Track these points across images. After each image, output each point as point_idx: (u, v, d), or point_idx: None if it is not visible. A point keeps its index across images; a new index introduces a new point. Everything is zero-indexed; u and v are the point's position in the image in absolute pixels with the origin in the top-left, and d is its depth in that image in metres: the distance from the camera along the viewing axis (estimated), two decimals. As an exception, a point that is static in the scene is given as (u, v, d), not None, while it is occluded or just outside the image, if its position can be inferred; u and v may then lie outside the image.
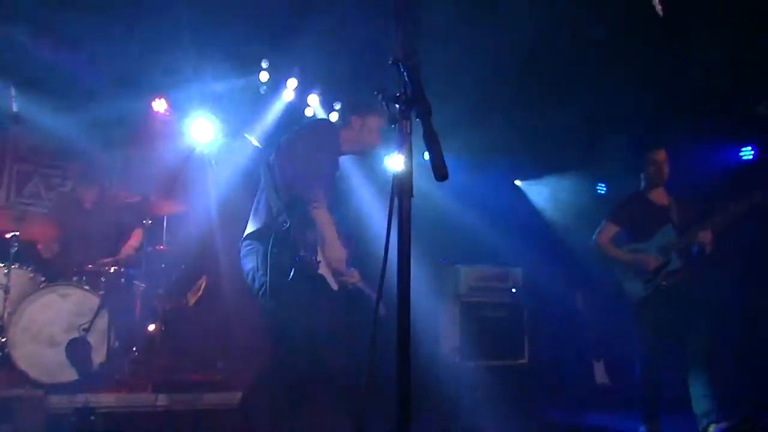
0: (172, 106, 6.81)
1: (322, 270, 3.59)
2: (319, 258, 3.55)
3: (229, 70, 6.55)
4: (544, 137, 7.72)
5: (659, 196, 5.18)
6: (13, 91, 5.43)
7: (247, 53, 6.47)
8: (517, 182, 9.30)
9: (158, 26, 5.58)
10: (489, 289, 7.27)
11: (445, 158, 1.81)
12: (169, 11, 5.34)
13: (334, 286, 3.64)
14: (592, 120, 7.14)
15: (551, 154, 8.25)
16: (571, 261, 7.48)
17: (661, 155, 5.12)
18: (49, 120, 6.51)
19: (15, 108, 5.42)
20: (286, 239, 3.34)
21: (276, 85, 7.05)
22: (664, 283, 4.86)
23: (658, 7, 5.54)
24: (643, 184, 5.24)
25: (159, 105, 6.78)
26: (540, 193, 9.21)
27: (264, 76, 6.87)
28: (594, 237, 5.25)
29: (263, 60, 6.71)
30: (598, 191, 8.86)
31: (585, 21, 5.63)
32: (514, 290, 7.29)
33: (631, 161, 5.61)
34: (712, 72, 5.92)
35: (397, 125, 1.87)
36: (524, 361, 7.10)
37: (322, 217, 3.52)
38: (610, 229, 5.20)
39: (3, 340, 4.99)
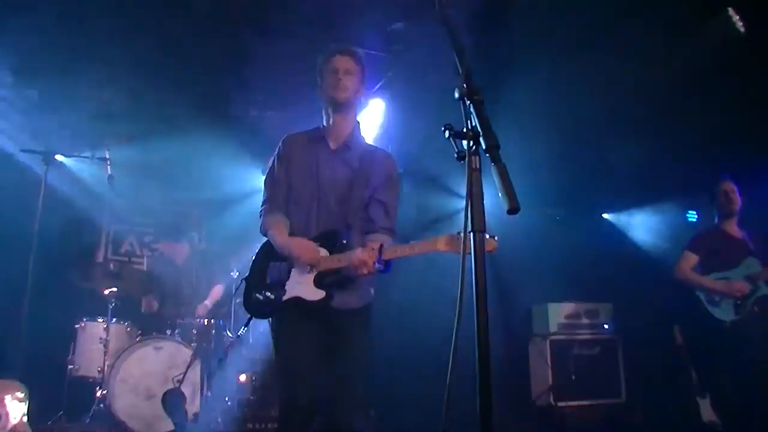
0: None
1: (294, 290, 3.12)
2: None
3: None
4: (630, 168, 7.49)
5: (733, 230, 5.25)
6: (107, 154, 5.74)
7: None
8: (605, 215, 9.03)
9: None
10: (580, 326, 7.04)
11: (530, 194, 1.77)
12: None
13: (315, 296, 3.07)
14: (678, 148, 6.90)
15: (639, 185, 7.99)
16: (666, 293, 7.15)
17: (727, 186, 5.23)
18: (141, 180, 6.90)
19: (110, 170, 5.72)
20: (241, 288, 3.37)
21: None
22: (756, 308, 4.89)
23: (739, 24, 5.39)
24: (716, 217, 5.34)
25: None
26: (630, 224, 8.90)
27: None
28: (675, 267, 5.33)
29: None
30: (689, 219, 8.48)
31: (672, 51, 5.57)
32: (606, 326, 7.02)
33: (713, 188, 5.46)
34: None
35: (465, 161, 1.85)
36: (621, 400, 6.79)
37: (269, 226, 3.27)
38: (690, 259, 5.29)
39: (104, 392, 5.20)
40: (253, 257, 3.37)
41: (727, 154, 6.45)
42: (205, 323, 5.75)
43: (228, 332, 5.93)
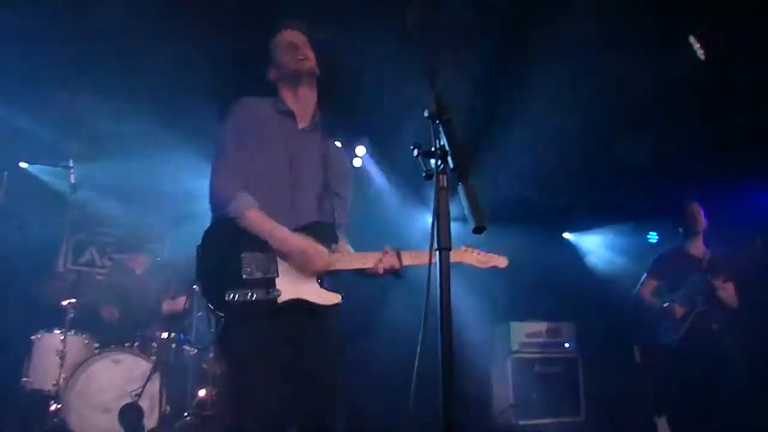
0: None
1: (293, 290, 2.66)
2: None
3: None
4: (592, 188, 7.63)
5: (696, 248, 5.38)
6: (71, 163, 5.65)
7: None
8: (566, 235, 9.16)
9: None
10: (542, 345, 7.11)
11: (493, 213, 1.80)
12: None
13: (328, 300, 2.72)
14: (640, 170, 7.05)
15: (600, 206, 8.13)
16: (627, 314, 7.26)
17: (693, 207, 5.37)
18: (104, 190, 6.79)
19: (73, 179, 5.63)
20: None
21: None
22: (690, 323, 5.06)
23: (700, 52, 5.54)
24: (682, 236, 5.47)
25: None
26: (592, 245, 9.04)
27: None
28: (635, 291, 5.56)
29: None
30: (650, 240, 8.65)
31: (634, 75, 5.70)
32: (567, 345, 7.10)
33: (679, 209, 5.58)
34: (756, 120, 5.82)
35: (433, 179, 1.88)
36: (581, 419, 6.86)
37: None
38: (650, 284, 5.52)
39: (59, 406, 5.07)
40: (205, 243, 2.72)
41: (688, 177, 6.61)
42: (166, 336, 5.65)
43: (188, 346, 5.84)
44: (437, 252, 1.85)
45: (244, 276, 2.61)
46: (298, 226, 2.74)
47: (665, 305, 5.25)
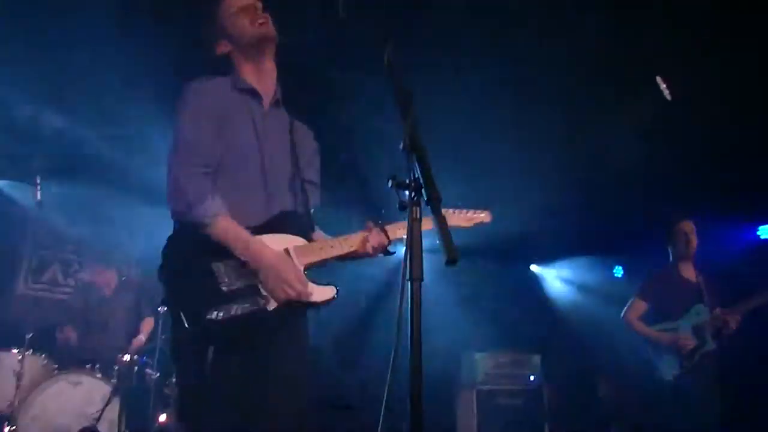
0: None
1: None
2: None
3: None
4: (558, 221, 7.72)
5: (688, 271, 5.10)
6: (38, 179, 5.57)
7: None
8: (533, 267, 9.25)
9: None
10: (506, 376, 7.12)
11: (460, 245, 1.82)
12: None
13: (324, 295, 2.47)
14: (607, 203, 7.15)
15: (566, 239, 8.23)
16: (591, 346, 7.34)
17: (688, 226, 5.10)
18: (71, 207, 6.69)
19: (39, 196, 5.54)
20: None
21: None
22: (697, 360, 4.73)
23: (666, 92, 5.65)
24: (671, 257, 5.19)
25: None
26: (557, 277, 9.15)
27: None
28: (622, 314, 5.15)
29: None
30: (615, 275, 8.79)
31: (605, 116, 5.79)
32: (532, 377, 7.12)
33: (646, 243, 5.59)
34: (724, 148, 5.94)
35: (407, 211, 1.90)
36: (545, 451, 6.86)
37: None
38: (639, 306, 5.10)
39: (13, 427, 4.93)
40: (168, 254, 2.40)
41: (652, 215, 6.71)
42: (128, 359, 5.55)
43: (151, 369, 5.73)
44: (408, 282, 1.85)
45: (223, 289, 2.29)
46: (272, 216, 2.48)
47: (673, 335, 4.83)
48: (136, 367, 5.58)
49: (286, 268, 2.35)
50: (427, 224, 1.97)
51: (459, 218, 3.01)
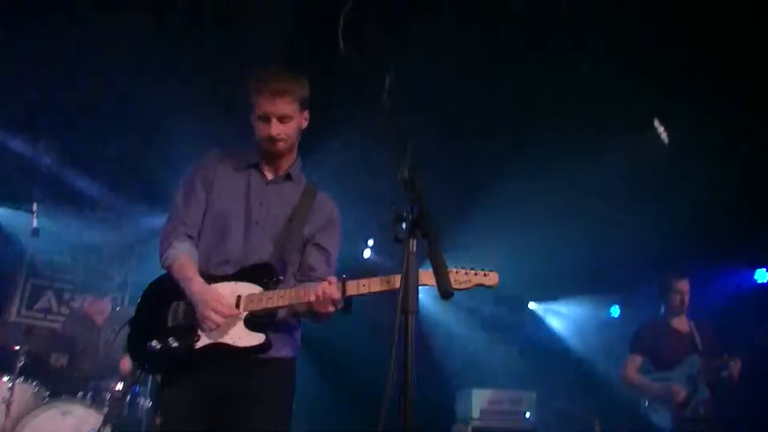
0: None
1: (213, 334, 2.54)
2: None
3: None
4: (556, 260, 7.72)
5: (681, 324, 5.14)
6: (34, 207, 5.57)
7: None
8: (531, 305, 9.22)
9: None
10: (502, 413, 7.04)
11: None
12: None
13: (249, 342, 2.55)
14: (605, 243, 7.16)
15: (564, 278, 8.22)
16: (588, 385, 7.27)
17: (684, 285, 5.11)
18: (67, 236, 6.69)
19: (35, 224, 5.54)
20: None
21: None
22: (691, 413, 4.70)
23: (664, 135, 5.74)
24: (663, 311, 5.21)
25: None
26: (556, 316, 9.11)
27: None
28: (620, 371, 5.18)
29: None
30: (612, 315, 8.75)
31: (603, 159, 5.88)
32: (528, 415, 7.04)
33: (645, 285, 5.58)
34: (720, 194, 5.98)
35: (402, 244, 1.90)
36: (540, 492, 6.76)
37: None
38: (635, 361, 5.13)
39: (1, 457, 4.86)
40: (145, 295, 2.77)
41: (649, 257, 6.72)
42: (120, 388, 5.49)
43: (143, 398, 5.67)
44: (402, 315, 1.85)
45: (169, 324, 2.60)
46: (247, 266, 2.68)
47: (665, 386, 4.85)
48: (128, 396, 5.52)
49: (209, 297, 2.53)
50: (426, 278, 2.10)
51: (459, 279, 2.57)
